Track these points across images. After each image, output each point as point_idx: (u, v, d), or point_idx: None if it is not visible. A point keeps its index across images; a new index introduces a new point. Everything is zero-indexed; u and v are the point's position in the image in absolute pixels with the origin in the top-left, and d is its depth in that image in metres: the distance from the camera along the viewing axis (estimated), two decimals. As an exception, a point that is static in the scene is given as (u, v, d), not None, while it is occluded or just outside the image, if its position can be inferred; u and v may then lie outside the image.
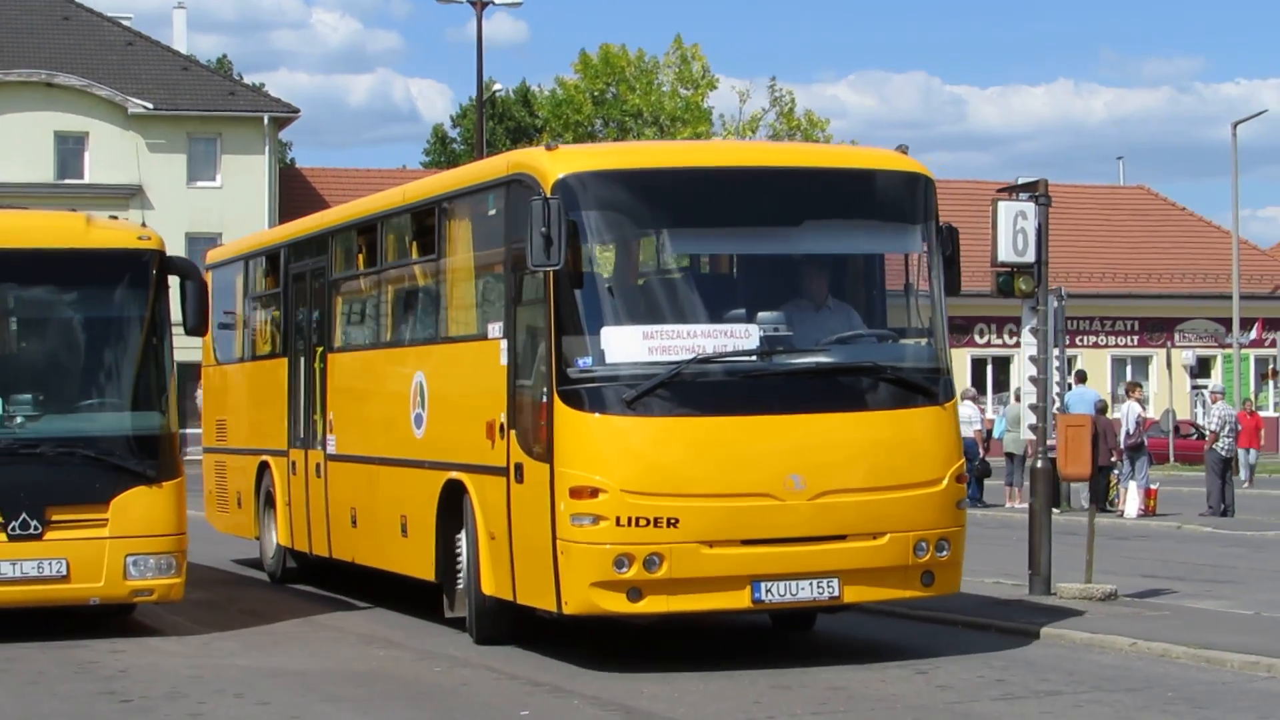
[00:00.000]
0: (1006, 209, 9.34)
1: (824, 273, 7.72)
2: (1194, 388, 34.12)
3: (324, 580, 11.05)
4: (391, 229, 9.81)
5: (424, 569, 8.69)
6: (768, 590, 6.96)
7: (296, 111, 36.50)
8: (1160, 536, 16.33)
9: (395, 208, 9.80)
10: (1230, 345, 35.88)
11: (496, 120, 46.01)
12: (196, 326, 8.95)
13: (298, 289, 11.27)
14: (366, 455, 9.67)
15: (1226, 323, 36.06)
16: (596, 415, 6.96)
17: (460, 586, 8.32)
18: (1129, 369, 38.42)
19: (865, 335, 7.71)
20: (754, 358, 7.17)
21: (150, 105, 32.25)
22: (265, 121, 33.86)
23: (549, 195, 6.94)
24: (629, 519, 6.78)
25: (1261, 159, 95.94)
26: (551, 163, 7.26)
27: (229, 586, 11.65)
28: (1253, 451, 24.43)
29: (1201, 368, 35.89)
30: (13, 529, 8.08)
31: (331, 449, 10.21)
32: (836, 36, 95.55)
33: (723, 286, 7.88)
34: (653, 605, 6.90)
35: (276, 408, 11.36)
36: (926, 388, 7.51)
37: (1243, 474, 23.26)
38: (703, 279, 8.02)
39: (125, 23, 36.00)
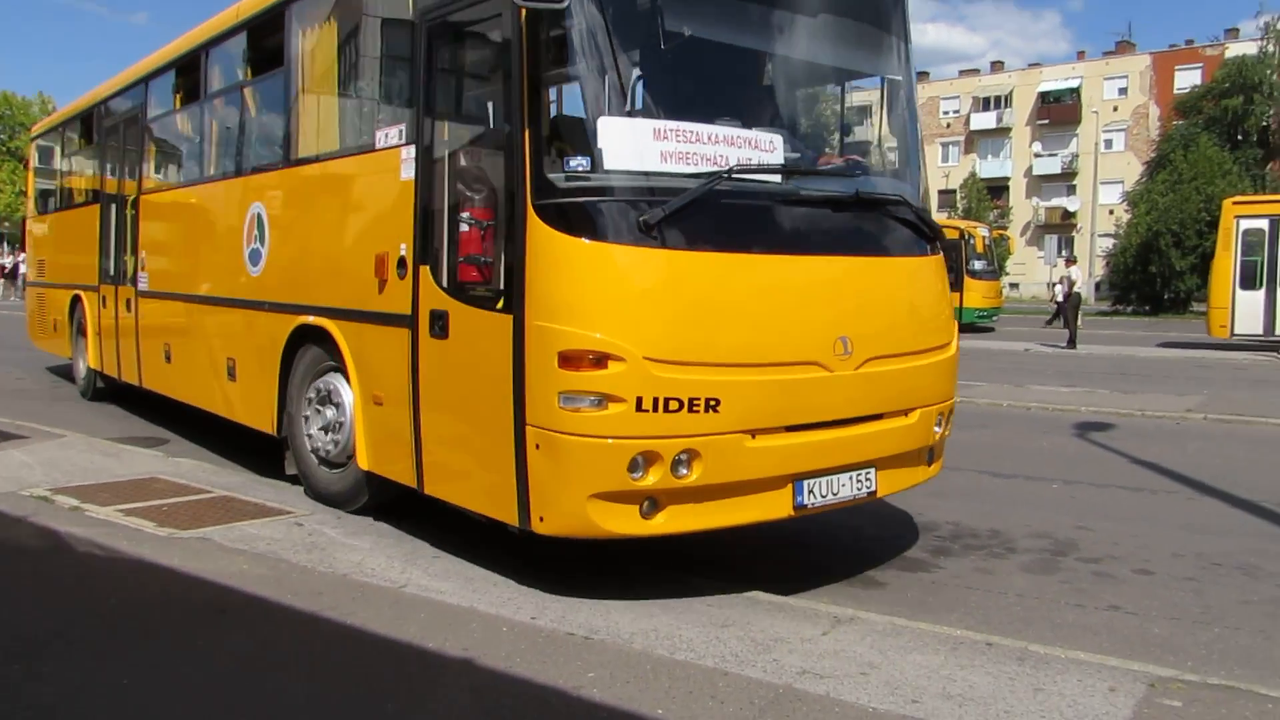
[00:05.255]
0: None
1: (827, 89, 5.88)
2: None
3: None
4: (217, 57, 8.45)
5: (261, 420, 7.30)
6: (810, 492, 5.09)
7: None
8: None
9: (225, 29, 8.17)
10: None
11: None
12: None
13: (110, 141, 11.24)
14: (183, 293, 8.80)
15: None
16: (601, 243, 4.64)
17: (302, 446, 6.69)
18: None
19: (877, 166, 5.99)
20: (789, 179, 5.21)
21: None
22: None
23: None
24: (654, 401, 4.61)
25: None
26: None
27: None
28: None
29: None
30: None
31: (143, 285, 9.77)
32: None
33: (731, 85, 5.58)
34: (671, 523, 4.81)
35: (88, 249, 11.46)
36: (933, 232, 5.92)
37: None
38: (710, 73, 5.52)
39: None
